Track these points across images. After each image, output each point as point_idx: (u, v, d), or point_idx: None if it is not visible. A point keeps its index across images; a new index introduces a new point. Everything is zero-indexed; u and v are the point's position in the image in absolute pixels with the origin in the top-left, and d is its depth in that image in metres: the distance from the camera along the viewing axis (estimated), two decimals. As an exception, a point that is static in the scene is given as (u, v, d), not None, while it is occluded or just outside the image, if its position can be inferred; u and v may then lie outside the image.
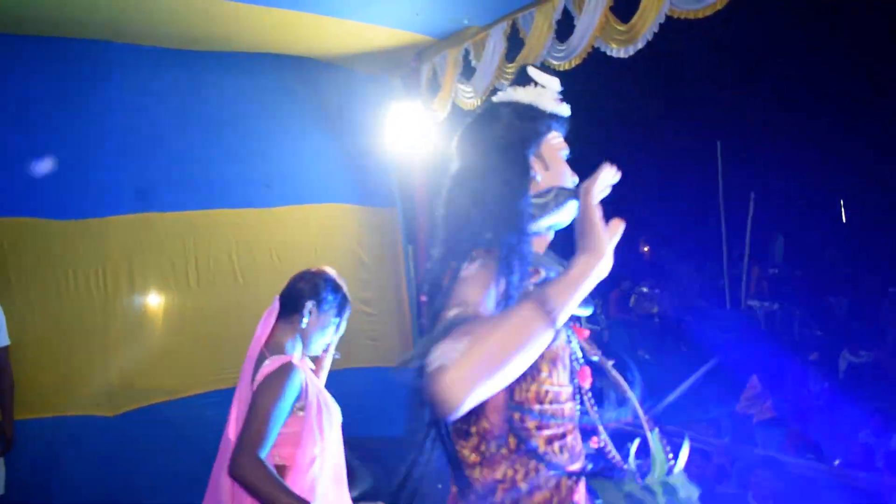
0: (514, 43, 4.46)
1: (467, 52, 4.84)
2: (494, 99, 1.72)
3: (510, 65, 4.49)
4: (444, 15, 4.80)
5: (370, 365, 5.45)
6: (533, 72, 1.68)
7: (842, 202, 23.17)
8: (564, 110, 1.68)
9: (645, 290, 11.08)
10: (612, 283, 11.51)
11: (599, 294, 11.12)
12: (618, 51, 3.78)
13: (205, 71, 5.05)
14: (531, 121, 1.66)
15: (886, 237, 18.61)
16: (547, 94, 1.67)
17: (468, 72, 4.87)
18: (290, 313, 2.65)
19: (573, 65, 4.10)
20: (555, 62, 4.17)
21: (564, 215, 1.68)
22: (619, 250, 1.45)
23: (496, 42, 4.52)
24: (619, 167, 1.57)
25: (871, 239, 19.73)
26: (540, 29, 4.16)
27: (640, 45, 3.66)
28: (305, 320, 2.64)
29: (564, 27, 4.09)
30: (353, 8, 4.67)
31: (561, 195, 1.65)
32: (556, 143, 1.70)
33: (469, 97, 4.80)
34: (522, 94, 1.67)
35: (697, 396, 11.36)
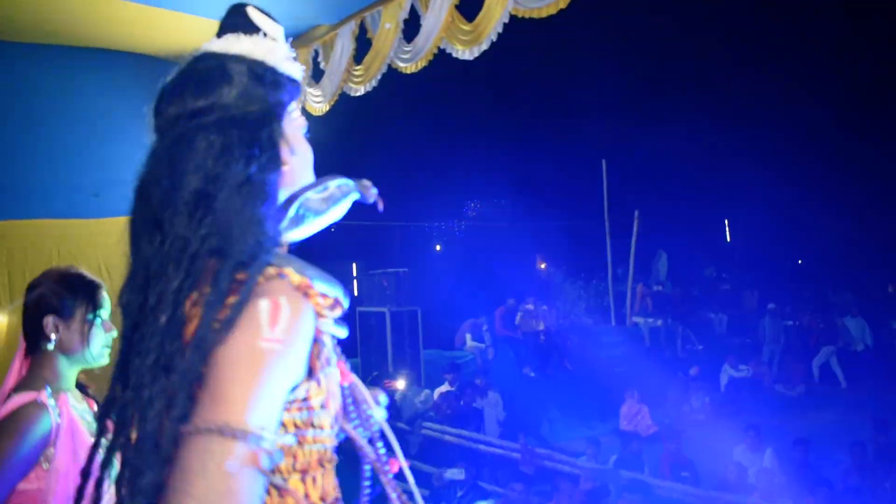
0: (363, 43, 4.17)
1: (317, 53, 4.51)
2: (214, 48, 1.19)
3: (358, 67, 4.18)
4: (293, 12, 4.45)
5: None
6: (256, 15, 1.22)
7: (727, 221, 24.11)
8: (299, 72, 1.25)
9: (530, 307, 10.95)
10: (498, 300, 11.34)
11: (484, 312, 10.91)
12: (462, 52, 3.53)
13: (27, 65, 4.51)
14: (274, 87, 1.17)
15: (767, 256, 19.40)
16: (280, 48, 1.21)
17: (318, 74, 4.54)
18: (35, 342, 2.09)
19: (419, 67, 3.84)
20: (402, 63, 3.90)
21: (341, 211, 1.25)
22: (508, 267, 1.11)
23: (344, 42, 4.21)
24: (508, 184, 1.19)
25: (752, 257, 20.57)
26: (387, 29, 3.88)
27: (484, 47, 3.42)
28: (52, 343, 2.11)
29: (413, 27, 3.83)
30: (196, 3, 4.25)
31: (344, 185, 1.23)
32: (297, 119, 1.25)
33: (318, 101, 4.46)
34: (251, 47, 1.18)
35: (579, 413, 11.36)
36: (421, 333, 9.01)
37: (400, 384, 7.61)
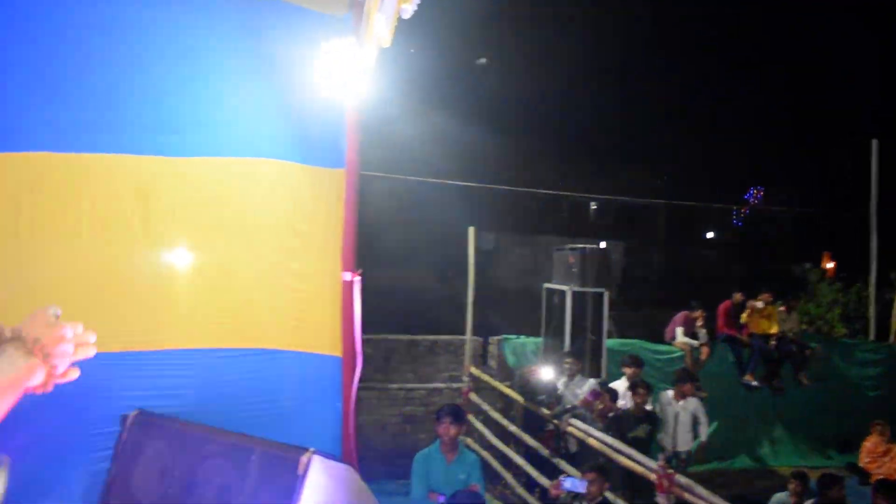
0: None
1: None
2: None
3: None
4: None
5: (288, 348, 4.64)
6: None
7: None
8: None
9: (760, 305, 9.27)
10: (722, 293, 9.86)
11: (705, 305, 9.56)
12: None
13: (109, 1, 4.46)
14: None
15: None
16: None
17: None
18: None
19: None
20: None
21: None
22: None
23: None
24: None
25: None
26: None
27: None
28: None
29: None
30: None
31: None
32: None
33: (381, 27, 3.83)
34: None
35: (812, 438, 9.54)
36: (606, 319, 8.02)
37: (545, 373, 6.72)
